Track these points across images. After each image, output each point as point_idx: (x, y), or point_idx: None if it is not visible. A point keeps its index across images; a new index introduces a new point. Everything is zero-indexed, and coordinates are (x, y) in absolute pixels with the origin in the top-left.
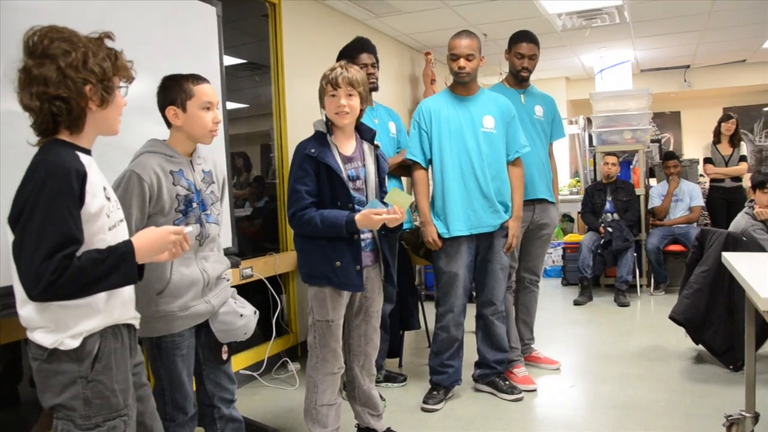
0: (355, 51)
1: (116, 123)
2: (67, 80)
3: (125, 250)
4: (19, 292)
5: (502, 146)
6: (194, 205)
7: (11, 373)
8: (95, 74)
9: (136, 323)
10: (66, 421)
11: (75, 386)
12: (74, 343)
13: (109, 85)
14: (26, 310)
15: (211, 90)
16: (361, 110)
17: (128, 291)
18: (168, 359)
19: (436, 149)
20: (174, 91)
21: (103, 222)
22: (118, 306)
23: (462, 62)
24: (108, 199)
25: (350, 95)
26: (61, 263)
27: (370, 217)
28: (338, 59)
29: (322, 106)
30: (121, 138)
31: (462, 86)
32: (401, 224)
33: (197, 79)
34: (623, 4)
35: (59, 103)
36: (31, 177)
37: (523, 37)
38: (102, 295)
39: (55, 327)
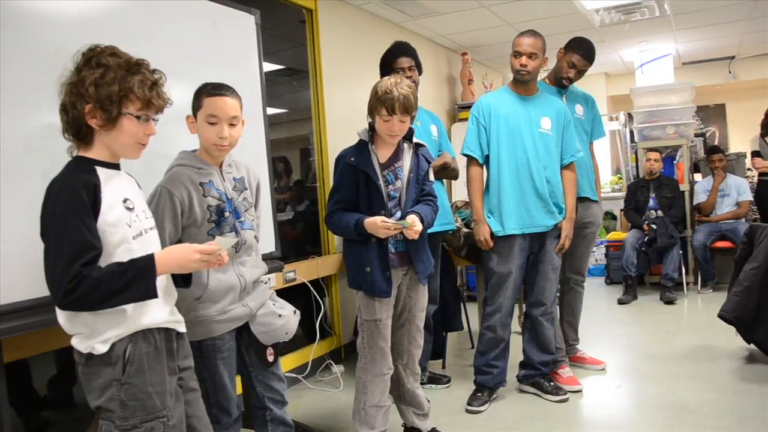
0: (393, 56)
1: (127, 148)
2: (71, 94)
3: (145, 264)
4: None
5: (556, 149)
6: (227, 214)
7: (66, 377)
8: (93, 96)
9: (179, 327)
10: (108, 422)
11: (111, 389)
12: (104, 348)
13: (109, 108)
14: (61, 318)
15: (223, 104)
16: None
17: (162, 297)
18: (210, 362)
19: (494, 146)
20: (194, 100)
21: (125, 232)
22: (147, 312)
23: (524, 60)
24: (130, 209)
25: (403, 121)
26: (79, 273)
27: (376, 223)
28: (380, 66)
29: (371, 116)
30: (165, 146)
31: (522, 85)
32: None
33: (214, 90)
34: None
35: (62, 112)
36: (48, 195)
37: (584, 49)
38: (128, 305)
39: (89, 333)
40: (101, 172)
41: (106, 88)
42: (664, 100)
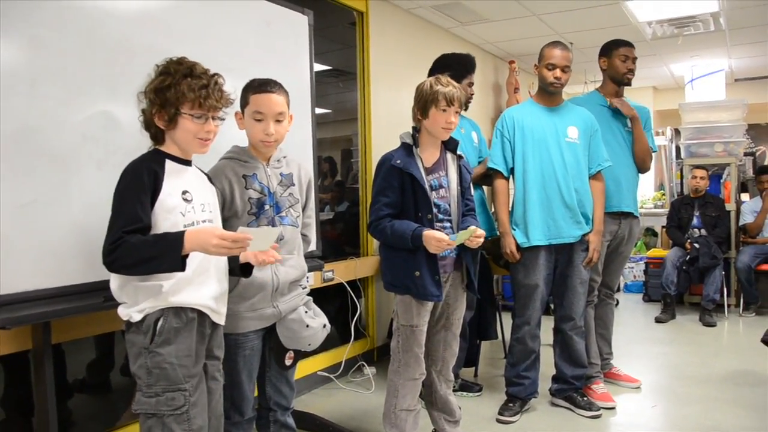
0: (472, 67)
1: (190, 144)
2: (144, 101)
3: (174, 238)
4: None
5: (584, 158)
6: (266, 207)
7: (105, 362)
8: (156, 100)
9: (214, 317)
10: (138, 389)
11: (141, 357)
12: (138, 317)
13: (169, 110)
14: (112, 286)
15: (269, 101)
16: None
17: (196, 281)
18: (229, 357)
19: (519, 158)
20: (241, 96)
21: (177, 219)
22: (181, 291)
23: (559, 73)
24: (188, 201)
25: (457, 112)
26: (120, 237)
27: (433, 239)
28: (453, 65)
29: (423, 115)
30: (216, 142)
31: (548, 96)
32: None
33: (260, 87)
34: (719, 11)
35: (141, 115)
36: (120, 176)
37: (620, 43)
38: (164, 282)
39: (131, 303)
40: (169, 164)
41: (164, 92)
42: (713, 117)
